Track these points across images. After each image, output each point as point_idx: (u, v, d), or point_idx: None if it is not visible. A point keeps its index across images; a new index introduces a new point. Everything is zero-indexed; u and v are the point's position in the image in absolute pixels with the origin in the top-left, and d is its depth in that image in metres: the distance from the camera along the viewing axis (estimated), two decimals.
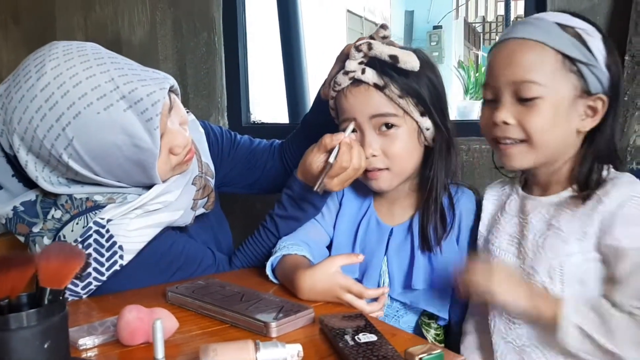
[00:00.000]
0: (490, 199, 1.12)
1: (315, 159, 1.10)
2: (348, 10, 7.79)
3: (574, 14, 0.97)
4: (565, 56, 0.92)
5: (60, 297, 0.61)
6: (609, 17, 1.38)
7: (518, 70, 0.93)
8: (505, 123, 0.95)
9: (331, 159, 1.07)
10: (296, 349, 0.74)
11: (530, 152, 0.96)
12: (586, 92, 0.93)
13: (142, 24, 2.15)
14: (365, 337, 0.79)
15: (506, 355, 1.01)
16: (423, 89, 1.09)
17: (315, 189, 1.08)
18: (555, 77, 0.92)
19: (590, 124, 0.95)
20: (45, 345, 0.58)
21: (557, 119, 0.93)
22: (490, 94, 0.98)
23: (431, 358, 0.53)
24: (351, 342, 0.78)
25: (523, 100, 0.93)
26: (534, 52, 0.93)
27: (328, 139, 1.09)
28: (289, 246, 1.14)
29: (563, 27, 0.93)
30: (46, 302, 0.60)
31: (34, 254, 0.58)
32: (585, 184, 0.95)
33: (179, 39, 2.08)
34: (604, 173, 0.96)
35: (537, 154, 0.96)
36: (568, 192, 0.98)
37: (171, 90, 1.06)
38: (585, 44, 0.92)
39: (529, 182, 1.06)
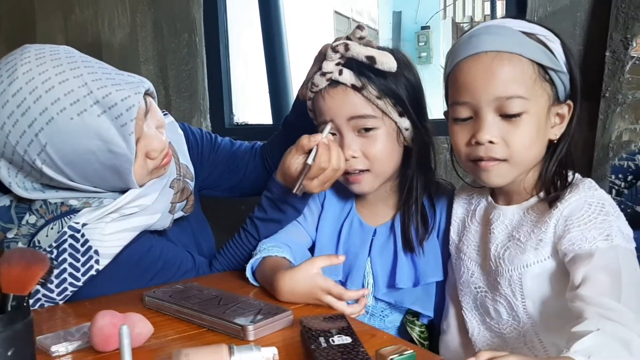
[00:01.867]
0: (461, 202, 1.10)
1: (293, 160, 1.09)
2: (335, 12, 7.79)
3: (529, 21, 0.96)
4: (540, 65, 0.90)
5: (24, 304, 0.59)
6: (590, 13, 1.39)
7: (500, 85, 0.88)
8: (491, 142, 0.90)
9: (309, 160, 1.06)
10: (271, 352, 0.73)
11: (511, 169, 0.92)
12: (556, 100, 0.92)
13: (123, 26, 2.13)
14: (339, 340, 0.78)
15: (483, 343, 1.01)
16: (401, 89, 1.08)
17: (294, 191, 1.06)
18: (535, 89, 0.90)
19: (559, 131, 0.94)
20: (9, 353, 0.56)
21: (538, 132, 0.91)
22: (466, 112, 0.92)
23: (402, 358, 0.51)
24: (324, 345, 0.76)
25: (508, 117, 0.89)
26: (512, 64, 0.89)
27: (305, 140, 1.07)
28: (269, 248, 1.12)
29: (528, 35, 0.91)
30: (9, 308, 0.58)
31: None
32: (553, 189, 0.93)
33: (160, 40, 2.07)
34: (570, 177, 0.94)
35: (519, 170, 0.93)
36: (533, 200, 0.96)
37: (147, 93, 1.04)
38: (550, 51, 0.91)
39: (495, 189, 1.03)
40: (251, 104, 2.43)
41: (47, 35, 2.34)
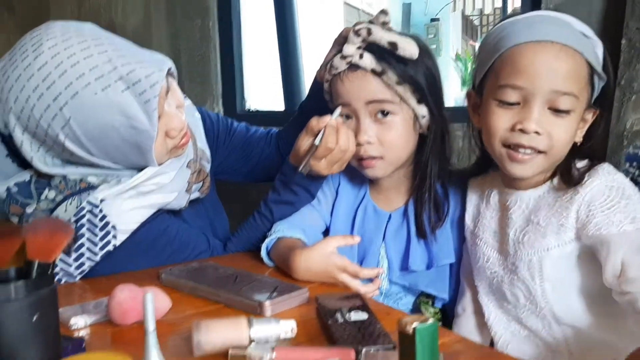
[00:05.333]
0: (474, 189, 1.10)
1: (302, 142, 1.10)
2: (345, 3, 7.77)
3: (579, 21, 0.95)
4: (591, 68, 0.89)
5: (49, 271, 0.60)
6: (605, 1, 1.38)
7: (561, 79, 0.87)
8: (537, 133, 0.89)
9: (316, 141, 1.06)
10: (290, 325, 0.74)
11: (544, 162, 0.92)
12: (589, 104, 0.92)
13: (136, 10, 2.13)
14: (356, 316, 0.79)
15: (499, 326, 1.02)
16: (420, 76, 1.08)
17: (300, 169, 1.08)
18: (584, 90, 0.89)
19: (581, 134, 0.94)
20: (34, 319, 0.57)
21: (575, 131, 0.91)
22: (516, 96, 0.89)
23: (425, 328, 0.52)
24: (340, 320, 0.77)
25: (556, 112, 0.88)
26: (574, 62, 0.88)
27: (314, 122, 1.08)
28: (284, 229, 1.13)
29: (585, 36, 0.90)
30: (34, 275, 0.59)
31: (21, 225, 0.57)
32: (568, 175, 0.93)
33: (173, 25, 2.07)
34: (584, 163, 0.94)
35: (549, 164, 0.93)
36: (547, 185, 0.96)
37: (168, 73, 1.05)
38: (597, 56, 0.91)
39: (507, 175, 1.03)
40: (263, 90, 2.43)
41: (61, 20, 2.34)
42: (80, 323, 0.83)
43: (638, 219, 0.85)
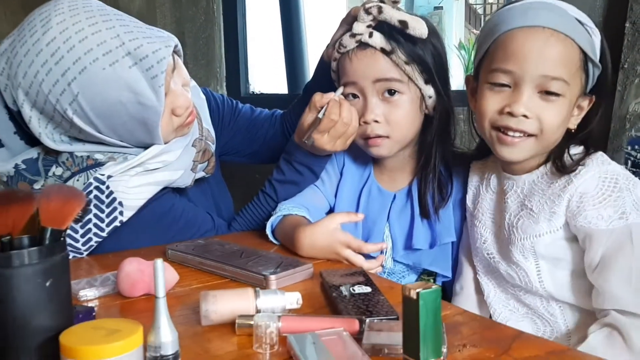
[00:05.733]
0: (476, 171, 1.12)
1: (306, 117, 1.12)
2: None
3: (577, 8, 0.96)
4: (584, 54, 0.90)
5: (61, 238, 0.61)
6: None
7: (550, 64, 0.88)
8: (525, 116, 0.90)
9: (320, 114, 1.08)
10: (295, 296, 0.76)
11: (534, 146, 0.93)
12: (583, 91, 0.93)
13: None
14: (359, 289, 0.81)
15: (498, 304, 1.04)
16: (428, 56, 1.08)
17: (304, 139, 1.09)
18: (575, 76, 0.90)
19: (575, 121, 0.95)
20: (47, 284, 0.58)
21: (566, 116, 0.92)
22: (506, 79, 0.91)
23: (428, 292, 0.53)
24: (345, 293, 0.79)
25: (546, 95, 0.90)
26: (565, 47, 0.89)
27: (318, 97, 1.10)
28: (289, 208, 1.15)
29: (580, 23, 0.91)
30: (47, 241, 0.60)
31: (35, 192, 0.58)
32: (560, 162, 0.94)
33: (178, 7, 2.07)
34: (579, 149, 0.95)
35: (540, 148, 0.94)
36: (541, 170, 0.97)
37: (174, 51, 1.06)
38: (593, 43, 0.92)
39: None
40: (267, 73, 2.43)
41: None
42: (89, 295, 0.85)
43: (627, 214, 0.87)
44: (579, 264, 0.94)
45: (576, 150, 0.95)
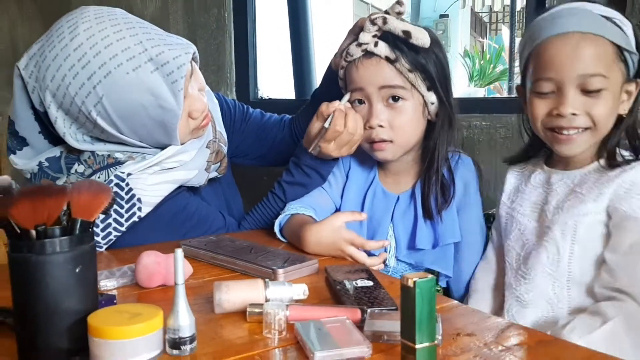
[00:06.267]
0: (514, 174, 1.18)
1: (313, 126, 1.17)
2: None
3: (603, 4, 1.03)
4: (618, 47, 0.97)
5: (90, 229, 0.67)
6: None
7: (584, 64, 0.96)
8: (574, 114, 0.98)
9: (326, 124, 1.14)
10: (302, 288, 0.81)
11: (590, 138, 1.00)
12: (627, 78, 1.00)
13: None
14: (362, 283, 0.86)
15: (515, 309, 1.07)
16: (431, 65, 1.14)
17: (310, 149, 1.15)
18: (613, 68, 0.98)
19: (627, 106, 1.02)
20: (77, 270, 0.64)
21: (613, 106, 0.99)
22: (549, 87, 1.00)
23: (424, 281, 0.58)
24: (348, 286, 0.84)
25: (589, 92, 0.97)
26: (596, 45, 0.96)
27: (324, 107, 1.16)
28: (297, 207, 1.20)
29: (607, 18, 0.98)
30: (77, 232, 0.65)
31: (67, 186, 0.63)
32: (614, 159, 1.01)
33: (190, 15, 2.13)
34: (626, 153, 1.02)
35: (596, 138, 1.01)
36: (594, 165, 1.03)
37: (192, 57, 1.12)
38: (625, 34, 0.99)
39: (553, 159, 1.11)
40: (275, 80, 2.49)
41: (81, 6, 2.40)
42: (109, 285, 0.90)
43: None
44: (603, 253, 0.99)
45: (627, 153, 1.02)
